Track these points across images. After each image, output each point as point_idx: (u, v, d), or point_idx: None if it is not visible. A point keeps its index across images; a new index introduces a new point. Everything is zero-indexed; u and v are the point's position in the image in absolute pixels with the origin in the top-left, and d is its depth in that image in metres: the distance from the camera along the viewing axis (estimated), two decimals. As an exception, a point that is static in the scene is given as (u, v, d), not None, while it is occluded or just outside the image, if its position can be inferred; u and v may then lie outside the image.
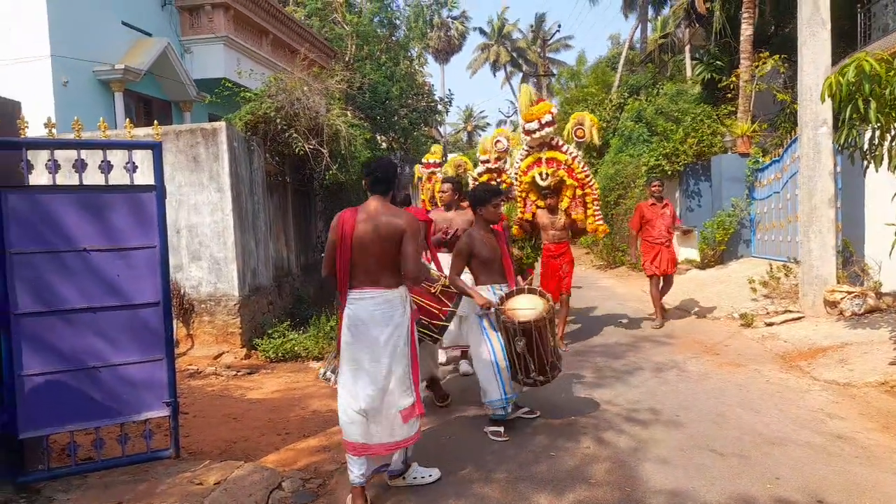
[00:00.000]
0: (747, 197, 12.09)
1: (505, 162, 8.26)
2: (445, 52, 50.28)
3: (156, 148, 3.96)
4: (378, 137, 16.95)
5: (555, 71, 41.14)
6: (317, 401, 5.92)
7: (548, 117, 7.34)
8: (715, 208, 12.45)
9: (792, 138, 10.33)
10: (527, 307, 4.53)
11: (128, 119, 4.60)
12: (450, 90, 31.36)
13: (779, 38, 14.91)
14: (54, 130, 3.83)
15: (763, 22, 14.70)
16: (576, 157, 7.61)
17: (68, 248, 3.73)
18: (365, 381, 3.48)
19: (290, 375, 6.83)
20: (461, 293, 4.64)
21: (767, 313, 8.28)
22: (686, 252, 12.41)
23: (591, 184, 7.64)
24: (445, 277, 4.73)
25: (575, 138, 7.78)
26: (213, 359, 7.43)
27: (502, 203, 5.14)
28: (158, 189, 3.94)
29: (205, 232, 7.64)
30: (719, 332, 7.84)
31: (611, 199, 15.07)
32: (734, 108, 13.81)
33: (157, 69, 11.06)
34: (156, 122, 4.45)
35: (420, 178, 9.93)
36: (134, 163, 3.94)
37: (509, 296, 4.68)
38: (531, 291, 4.69)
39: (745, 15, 13.29)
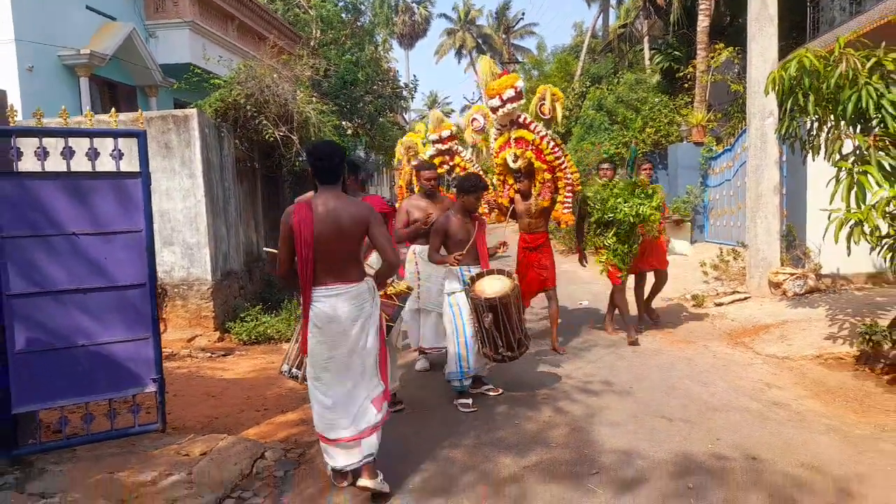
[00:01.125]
0: (701, 184, 12.63)
1: (466, 142, 7.65)
2: (410, 38, 50.18)
3: (140, 136, 4.14)
4: (344, 124, 17.05)
5: (520, 58, 41.49)
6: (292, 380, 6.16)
7: (510, 92, 6.46)
8: (672, 195, 12.98)
9: (742, 128, 10.85)
10: (494, 286, 4.87)
11: (87, 109, 4.77)
12: (415, 76, 31.44)
13: (733, 28, 15.48)
14: (43, 119, 3.98)
15: (719, 14, 15.24)
16: (544, 136, 6.64)
17: (57, 231, 3.90)
18: (338, 377, 3.48)
19: (263, 357, 7.05)
20: (439, 263, 5.10)
21: (717, 294, 8.79)
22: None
23: (563, 167, 6.68)
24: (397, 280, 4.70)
25: (540, 115, 6.83)
26: (186, 342, 7.59)
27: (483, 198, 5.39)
28: (143, 175, 4.13)
29: (177, 217, 7.76)
30: (672, 311, 8.31)
31: (573, 185, 15.48)
32: (691, 98, 14.34)
33: (123, 54, 11.01)
34: (113, 109, 4.61)
35: (400, 161, 8.85)
36: (120, 150, 4.11)
37: (479, 276, 5.02)
38: (500, 272, 5.02)
39: (702, 6, 13.79)
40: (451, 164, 7.50)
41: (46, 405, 3.92)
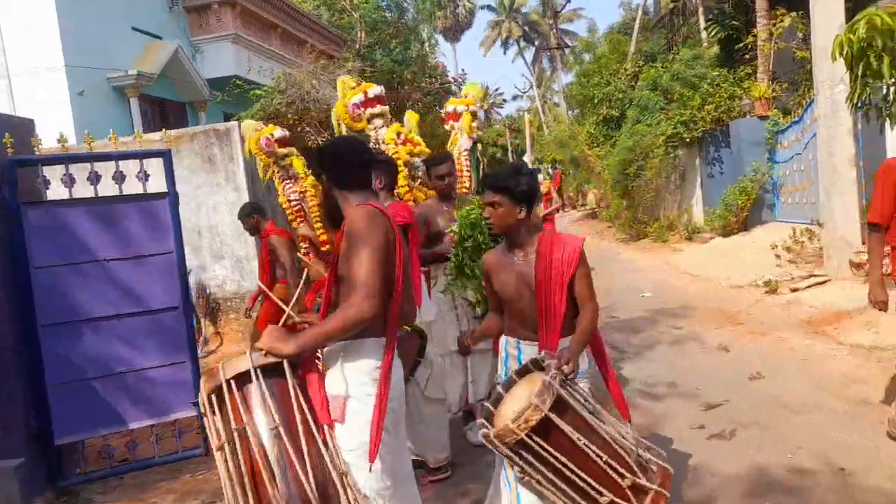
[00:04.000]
0: (768, 160, 11.86)
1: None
2: (455, 31, 49.89)
3: (165, 155, 4.05)
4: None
5: (569, 43, 40.54)
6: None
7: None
8: (736, 174, 12.25)
9: (811, 97, 10.09)
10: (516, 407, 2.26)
11: (137, 129, 4.70)
12: (462, 69, 31.09)
13: (796, -7, 14.49)
14: (67, 144, 3.94)
15: (778, -22, 14.29)
16: None
17: (88, 258, 3.85)
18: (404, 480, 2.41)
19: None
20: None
21: (792, 279, 8.17)
22: None
23: None
24: None
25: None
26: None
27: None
28: (171, 195, 4.04)
29: (225, 231, 7.78)
30: (742, 300, 7.76)
31: (630, 171, 14.90)
32: (752, 70, 13.50)
33: (170, 72, 11.20)
34: (164, 129, 4.55)
35: None
36: (146, 171, 4.03)
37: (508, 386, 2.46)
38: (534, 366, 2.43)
39: (759, -29, 12.93)
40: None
41: (88, 435, 3.89)
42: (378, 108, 5.49)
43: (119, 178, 3.94)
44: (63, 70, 9.32)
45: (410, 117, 5.99)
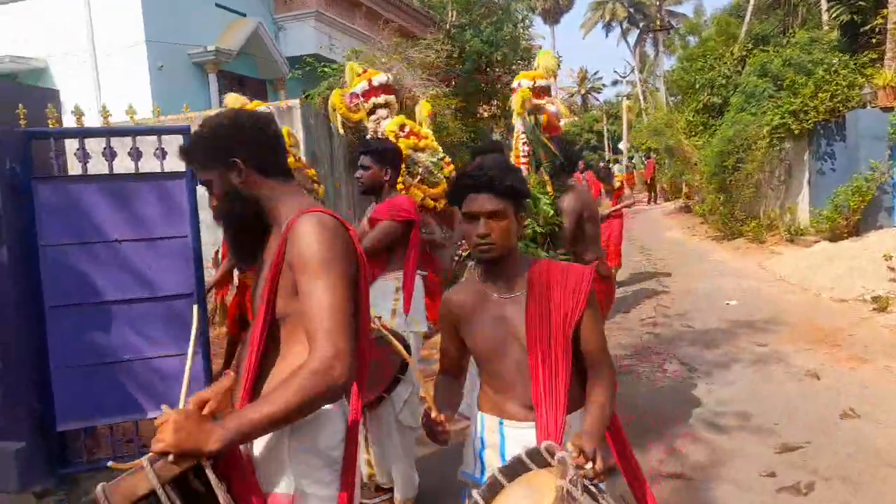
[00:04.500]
0: (889, 158, 10.47)
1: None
2: (554, 13, 48.49)
3: (185, 132, 3.78)
4: (482, 107, 16.50)
5: (676, 25, 38.38)
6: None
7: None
8: (850, 171, 10.91)
9: (948, 87, 8.74)
10: None
11: (155, 104, 4.48)
12: (558, 53, 30.02)
13: (938, -32, 12.70)
14: (84, 118, 3.75)
15: (917, -49, 12.56)
16: None
17: (100, 238, 3.65)
18: None
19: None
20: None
21: (907, 295, 7.09)
22: None
23: None
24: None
25: None
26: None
27: None
28: (188, 175, 3.78)
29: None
30: (844, 317, 6.79)
31: (728, 163, 13.69)
32: (878, 55, 11.99)
33: (250, 49, 11.23)
34: (185, 105, 4.29)
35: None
36: (163, 149, 3.79)
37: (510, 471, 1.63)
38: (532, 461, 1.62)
39: (894, -57, 11.38)
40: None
41: (91, 423, 3.72)
42: (382, 98, 5.17)
43: (135, 154, 3.72)
44: (144, 45, 9.48)
45: (423, 107, 5.52)
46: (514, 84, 5.76)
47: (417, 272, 3.48)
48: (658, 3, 41.09)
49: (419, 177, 4.95)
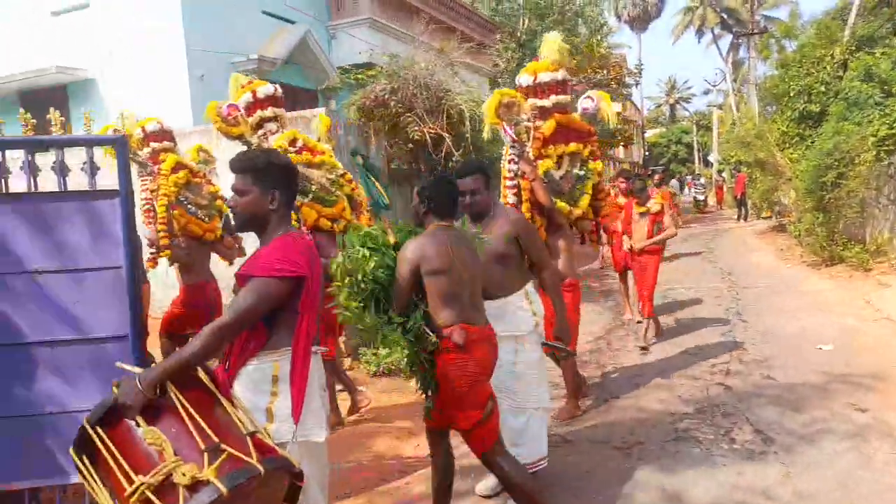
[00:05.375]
0: None
1: None
2: (642, 20, 46.71)
3: (118, 142, 3.16)
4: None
5: (770, 29, 35.85)
6: (389, 437, 4.94)
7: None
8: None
9: None
10: None
11: (85, 111, 3.91)
12: (639, 60, 28.61)
13: None
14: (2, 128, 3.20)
15: None
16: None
17: (14, 269, 3.07)
18: None
19: (379, 396, 5.92)
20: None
21: None
22: None
23: None
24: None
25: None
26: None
27: None
28: (123, 195, 3.14)
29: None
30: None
31: (827, 179, 12.09)
32: None
33: (298, 57, 10.84)
34: (122, 112, 3.69)
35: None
36: (95, 163, 3.18)
37: None
38: None
39: None
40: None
41: (7, 487, 3.12)
42: (270, 111, 4.89)
43: (59, 169, 3.13)
44: (184, 53, 9.22)
45: (321, 120, 5.25)
46: (520, 79, 5.07)
47: (312, 350, 2.42)
48: (751, 7, 38.61)
49: (311, 195, 4.61)
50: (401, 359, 3.27)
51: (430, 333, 2.94)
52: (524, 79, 5.00)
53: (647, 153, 48.41)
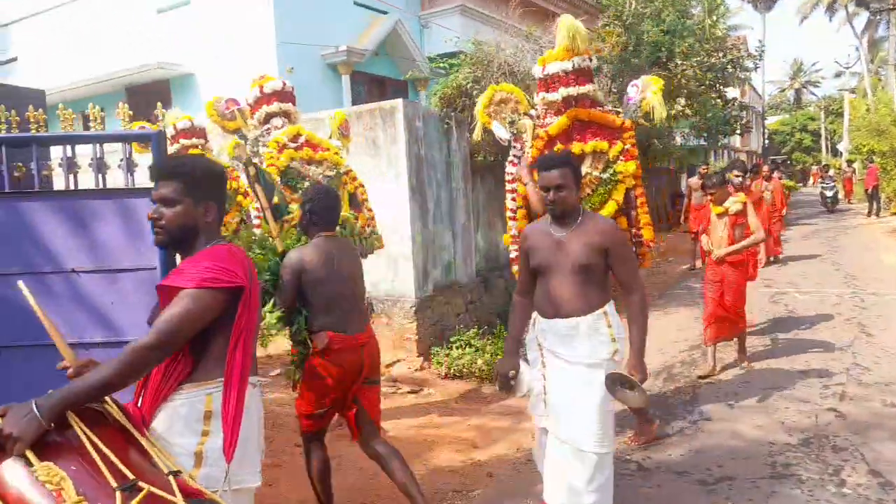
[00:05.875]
0: None
1: None
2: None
3: (155, 138, 3.04)
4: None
5: (916, 4, 32.21)
6: (449, 449, 4.65)
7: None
8: None
9: None
10: None
11: (122, 104, 3.81)
12: (760, 41, 26.61)
13: None
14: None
15: None
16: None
17: (53, 268, 3.03)
18: None
19: (449, 400, 5.65)
20: None
21: None
22: None
23: None
24: None
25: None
26: (385, 367, 6.64)
27: None
28: (158, 193, 3.02)
29: (385, 223, 6.81)
30: None
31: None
32: None
33: (388, 48, 10.70)
34: (157, 107, 3.57)
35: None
36: (134, 160, 3.08)
37: None
38: None
39: None
40: None
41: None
42: (276, 106, 4.83)
43: (96, 167, 3.04)
44: (274, 46, 9.31)
45: (336, 117, 5.05)
46: (535, 69, 4.65)
47: (250, 381, 2.03)
48: (894, -21, 34.85)
49: (300, 192, 4.32)
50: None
51: (309, 338, 3.21)
52: (536, 70, 4.52)
53: (766, 141, 45.18)
